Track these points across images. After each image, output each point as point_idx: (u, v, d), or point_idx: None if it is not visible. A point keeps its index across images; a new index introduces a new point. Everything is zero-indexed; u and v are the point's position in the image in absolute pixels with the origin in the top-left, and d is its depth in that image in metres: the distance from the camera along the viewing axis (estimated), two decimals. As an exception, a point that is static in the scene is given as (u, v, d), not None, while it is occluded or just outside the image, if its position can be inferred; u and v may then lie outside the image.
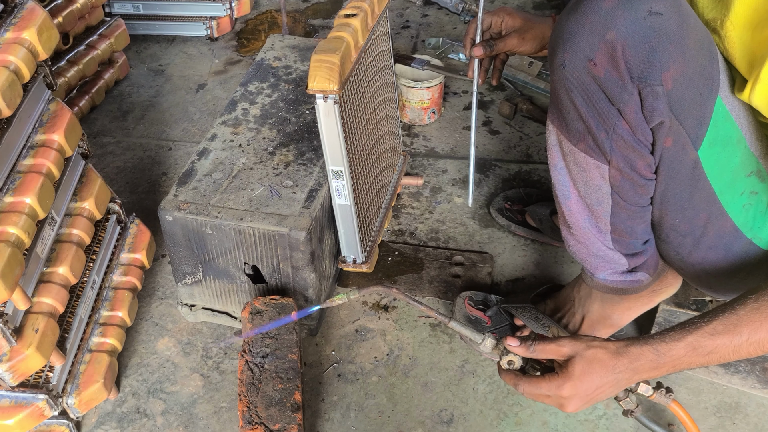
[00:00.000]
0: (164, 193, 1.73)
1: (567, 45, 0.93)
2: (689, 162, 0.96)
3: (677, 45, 0.87)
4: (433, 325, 1.43)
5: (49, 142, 1.16)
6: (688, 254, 1.08)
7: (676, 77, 0.88)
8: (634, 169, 0.99)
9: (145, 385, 1.34)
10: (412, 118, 1.96)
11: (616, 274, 1.17)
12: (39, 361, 1.09)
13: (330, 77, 1.17)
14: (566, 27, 0.93)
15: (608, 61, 0.90)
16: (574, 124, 1.00)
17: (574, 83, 0.95)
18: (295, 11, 2.56)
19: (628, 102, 0.92)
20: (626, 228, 1.08)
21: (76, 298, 1.25)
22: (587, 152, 1.01)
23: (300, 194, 1.31)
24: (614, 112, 0.94)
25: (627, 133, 0.95)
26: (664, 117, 0.91)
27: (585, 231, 1.12)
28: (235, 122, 1.48)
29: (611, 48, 0.88)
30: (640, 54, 0.88)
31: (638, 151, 0.97)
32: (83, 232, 1.24)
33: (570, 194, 1.10)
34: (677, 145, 0.95)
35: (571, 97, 0.97)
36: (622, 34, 0.87)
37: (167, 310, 1.48)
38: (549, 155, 1.10)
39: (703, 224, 1.02)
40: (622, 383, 0.91)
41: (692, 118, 0.92)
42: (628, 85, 0.90)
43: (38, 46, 1.10)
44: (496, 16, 1.33)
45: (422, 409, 1.28)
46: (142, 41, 2.37)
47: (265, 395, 1.15)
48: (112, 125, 2.03)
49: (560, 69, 0.96)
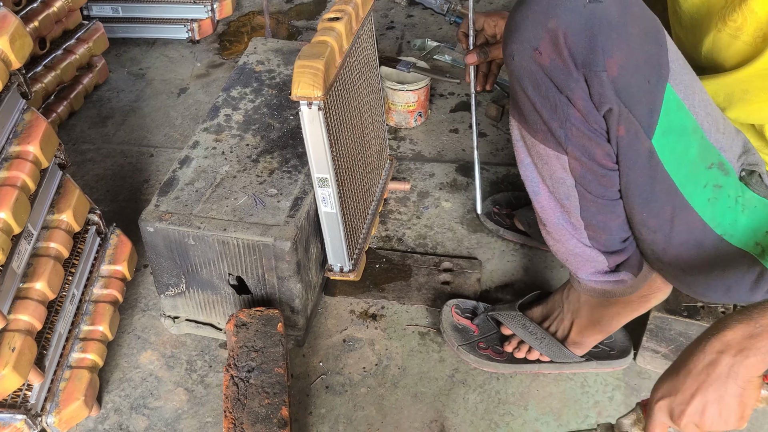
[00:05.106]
0: (146, 201, 1.69)
1: (514, 36, 0.95)
2: (644, 151, 0.96)
3: (619, 32, 0.89)
4: (422, 333, 1.40)
5: (24, 153, 1.13)
6: (662, 252, 1.07)
7: (621, 64, 0.89)
8: (593, 158, 0.99)
9: (128, 401, 1.31)
10: (398, 121, 1.94)
11: (598, 274, 1.16)
12: (16, 381, 1.06)
13: (314, 83, 1.14)
14: (513, 19, 0.96)
15: (552, 50, 0.91)
16: (530, 116, 1.01)
17: (524, 73, 0.96)
18: (278, 12, 2.52)
19: (576, 89, 0.93)
20: (598, 223, 1.07)
21: (54, 314, 1.22)
22: (546, 143, 1.02)
23: (285, 203, 1.28)
24: (564, 100, 0.95)
25: (579, 121, 0.96)
26: (612, 104, 0.92)
27: (559, 227, 1.12)
28: (218, 129, 1.45)
29: (554, 36, 0.90)
30: (582, 41, 0.89)
31: (593, 139, 0.97)
32: (61, 245, 1.21)
33: (540, 190, 1.10)
34: (630, 134, 0.95)
35: (523, 88, 0.98)
36: (563, 22, 0.89)
37: (150, 322, 1.45)
38: (515, 151, 1.11)
39: (670, 218, 1.02)
40: (721, 366, 0.78)
41: (642, 106, 0.93)
42: (573, 73, 0.91)
43: (11, 54, 1.06)
44: (489, 19, 1.32)
45: (412, 421, 1.26)
46: (122, 45, 2.33)
47: (251, 411, 1.12)
48: (92, 131, 1.99)
49: (510, 60, 0.98)
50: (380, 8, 2.50)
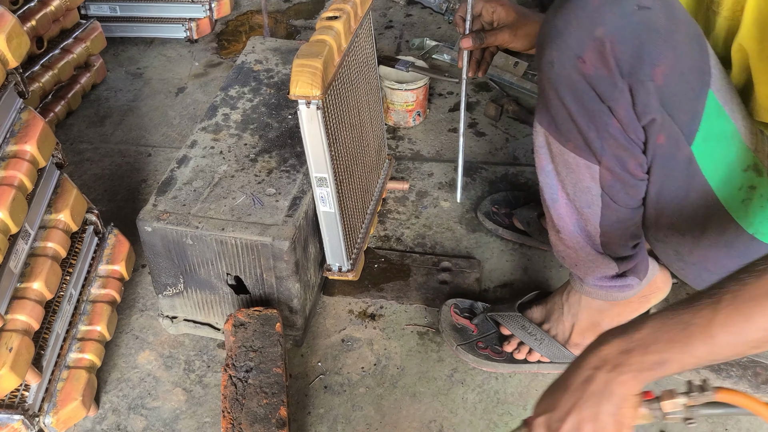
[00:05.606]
0: (144, 201, 1.69)
1: (555, 43, 0.92)
2: (683, 158, 0.95)
3: (667, 40, 0.86)
4: (420, 333, 1.40)
5: (21, 153, 1.12)
6: (688, 253, 1.06)
7: (667, 72, 0.87)
8: (626, 169, 0.97)
9: (126, 401, 1.30)
10: (397, 121, 1.94)
11: (605, 279, 1.15)
12: (13, 381, 1.05)
13: (312, 82, 1.14)
14: (554, 24, 0.92)
15: (597, 58, 0.88)
16: (563, 124, 0.98)
17: (564, 82, 0.93)
18: (276, 12, 2.52)
19: (619, 99, 0.90)
20: (615, 231, 1.06)
21: (52, 314, 1.21)
22: (577, 152, 1.00)
23: (283, 202, 1.28)
24: (605, 110, 0.92)
25: (618, 131, 0.94)
26: (656, 114, 0.90)
27: (574, 235, 1.10)
28: (216, 128, 1.44)
29: (600, 44, 0.87)
30: (630, 50, 0.86)
31: (629, 150, 0.95)
32: (59, 245, 1.20)
33: (558, 197, 1.08)
34: (670, 142, 0.93)
35: (560, 96, 0.95)
36: (610, 30, 0.86)
37: (148, 322, 1.44)
38: (536, 158, 1.08)
39: (702, 222, 1.01)
40: (596, 383, 0.75)
41: (684, 114, 0.91)
42: (618, 82, 0.89)
43: (8, 53, 1.06)
44: (488, 5, 1.29)
45: (411, 421, 1.26)
46: (120, 44, 2.32)
47: (249, 411, 1.12)
48: (90, 131, 1.98)
49: (549, 67, 0.94)
50: (379, 7, 2.49)
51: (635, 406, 0.75)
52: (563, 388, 0.78)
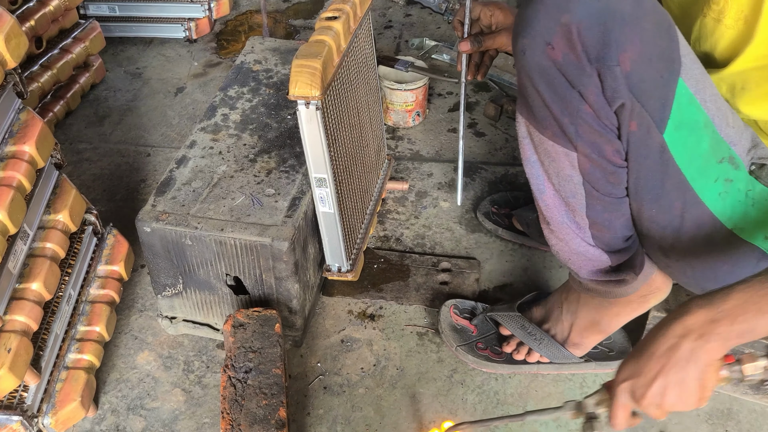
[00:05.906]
0: (143, 201, 1.69)
1: (526, 31, 0.94)
2: (656, 146, 0.96)
3: (633, 26, 0.88)
4: (420, 334, 1.40)
5: (19, 153, 1.12)
6: (671, 248, 1.06)
7: (634, 58, 0.89)
8: (603, 155, 0.98)
9: (125, 402, 1.30)
10: (396, 121, 1.93)
11: (600, 273, 1.15)
12: (12, 382, 1.05)
13: (312, 83, 1.13)
14: (524, 14, 0.94)
15: (565, 44, 0.90)
16: (539, 112, 1.00)
17: (535, 69, 0.95)
18: (275, 11, 2.51)
19: (588, 84, 0.92)
20: (604, 221, 1.07)
21: (51, 314, 1.21)
22: (555, 140, 1.01)
23: (282, 203, 1.27)
24: (576, 95, 0.94)
25: (591, 117, 0.95)
26: (625, 99, 0.91)
27: (563, 226, 1.11)
28: (215, 128, 1.44)
29: (567, 30, 0.89)
30: (596, 35, 0.88)
31: (604, 135, 0.96)
32: (57, 245, 1.20)
33: (545, 188, 1.09)
34: (642, 129, 0.94)
35: (533, 84, 0.97)
36: (576, 16, 0.88)
37: (147, 322, 1.44)
38: (521, 148, 1.09)
39: (680, 214, 1.01)
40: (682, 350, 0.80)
41: (654, 101, 0.92)
42: (586, 68, 0.90)
43: (6, 54, 1.05)
44: (486, 9, 1.31)
45: (410, 422, 1.26)
46: (119, 44, 2.32)
47: (248, 412, 1.11)
48: (89, 131, 1.98)
49: (521, 56, 0.96)
50: (378, 7, 2.49)
51: (718, 370, 0.81)
52: (648, 355, 0.82)
